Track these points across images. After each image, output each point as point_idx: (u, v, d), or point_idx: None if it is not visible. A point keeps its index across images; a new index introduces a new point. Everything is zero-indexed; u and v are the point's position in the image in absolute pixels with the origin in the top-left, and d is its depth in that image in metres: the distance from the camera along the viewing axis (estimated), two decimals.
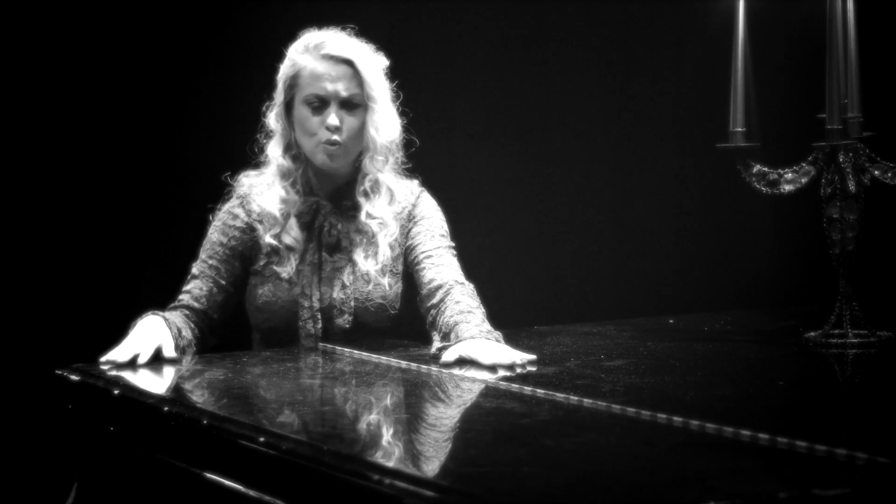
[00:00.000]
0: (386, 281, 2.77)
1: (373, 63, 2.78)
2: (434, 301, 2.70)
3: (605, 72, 4.13)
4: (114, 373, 2.43)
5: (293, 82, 2.78)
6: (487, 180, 4.07)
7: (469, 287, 2.72)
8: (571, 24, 4.10)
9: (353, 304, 2.76)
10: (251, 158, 2.87)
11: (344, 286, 2.76)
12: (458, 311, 2.61)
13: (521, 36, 4.09)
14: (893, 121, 2.93)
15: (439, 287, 2.71)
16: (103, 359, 2.50)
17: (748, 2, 2.63)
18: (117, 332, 2.65)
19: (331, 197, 2.83)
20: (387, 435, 1.96)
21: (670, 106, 4.13)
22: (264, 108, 2.84)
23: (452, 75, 4.03)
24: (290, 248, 2.78)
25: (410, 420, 2.08)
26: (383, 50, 2.83)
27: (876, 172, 2.57)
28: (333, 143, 2.74)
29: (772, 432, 1.72)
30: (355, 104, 2.76)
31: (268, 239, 2.78)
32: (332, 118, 2.74)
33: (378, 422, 2.08)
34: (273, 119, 2.82)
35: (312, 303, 2.74)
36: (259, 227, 2.80)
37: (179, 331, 2.67)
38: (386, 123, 2.80)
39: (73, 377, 2.43)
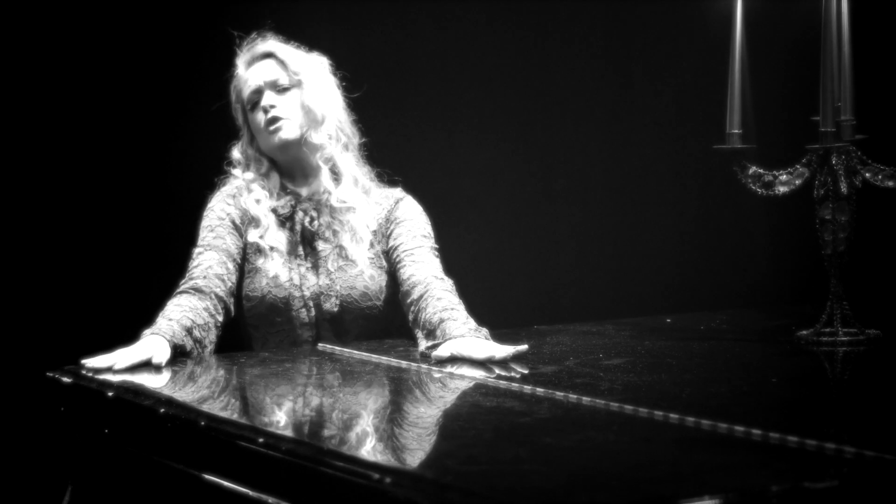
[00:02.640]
0: (368, 271, 2.84)
1: (294, 50, 2.91)
2: (414, 297, 2.71)
3: (603, 72, 4.13)
4: (104, 376, 2.37)
5: (238, 100, 2.92)
6: (486, 180, 4.06)
7: (448, 282, 2.74)
8: (569, 24, 4.10)
9: (338, 288, 2.83)
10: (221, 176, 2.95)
11: (329, 272, 2.83)
12: (441, 308, 2.61)
13: (520, 36, 4.08)
14: (885, 124, 2.97)
15: (418, 283, 2.73)
16: (84, 361, 2.44)
17: (745, 4, 2.64)
18: (110, 334, 2.62)
19: (307, 194, 2.91)
20: (387, 434, 1.97)
21: (668, 107, 4.14)
22: (230, 147, 2.97)
23: (451, 75, 4.02)
24: (273, 249, 2.84)
25: (410, 419, 2.09)
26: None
27: (867, 175, 2.59)
28: (273, 120, 2.84)
29: (764, 428, 1.75)
30: (286, 87, 2.87)
31: (251, 238, 2.85)
32: (265, 99, 2.85)
33: (378, 421, 2.08)
34: (237, 151, 2.95)
35: (303, 292, 2.82)
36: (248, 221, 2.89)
37: (190, 331, 2.59)
38: (321, 96, 2.89)
39: (65, 379, 2.39)
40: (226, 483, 1.93)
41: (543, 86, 4.12)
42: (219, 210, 2.88)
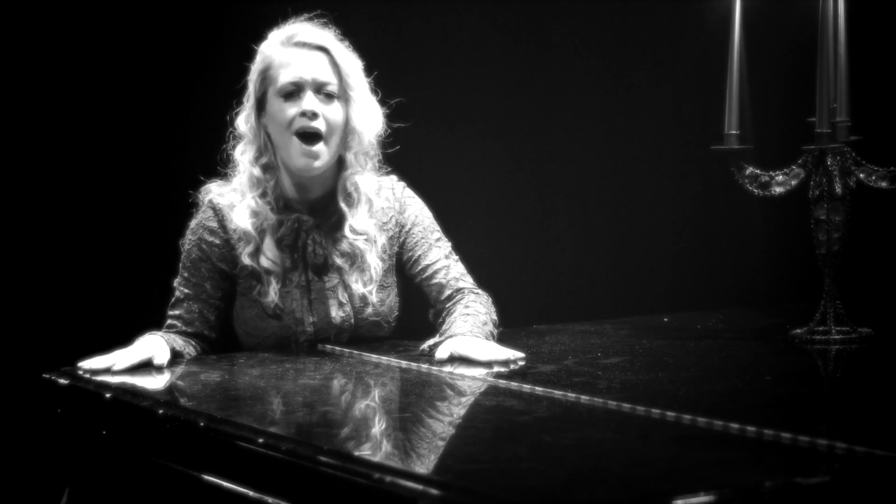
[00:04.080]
0: (378, 296, 2.67)
1: (348, 52, 2.62)
2: (447, 306, 2.69)
3: (601, 72, 4.13)
4: (103, 378, 2.36)
5: (265, 76, 2.59)
6: (485, 180, 4.06)
7: (484, 296, 2.72)
8: (568, 24, 4.10)
9: (352, 321, 2.66)
10: (222, 168, 2.73)
11: (341, 304, 2.65)
12: (464, 314, 2.61)
13: (519, 36, 4.08)
14: (879, 125, 2.99)
15: (452, 299, 2.69)
16: (82, 363, 2.41)
17: (744, 6, 2.66)
18: (107, 335, 2.60)
19: (310, 212, 2.67)
20: (387, 434, 1.97)
21: (666, 107, 4.15)
22: (234, 114, 2.68)
23: (450, 75, 4.02)
24: (268, 272, 2.62)
25: (410, 419, 2.09)
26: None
27: (861, 175, 2.61)
28: (311, 136, 2.55)
29: (759, 425, 1.77)
30: (332, 95, 2.58)
31: (245, 260, 2.62)
32: (308, 102, 2.54)
33: (378, 421, 2.09)
34: (243, 121, 2.64)
35: (306, 328, 2.64)
36: (237, 243, 2.64)
37: (184, 345, 2.60)
38: (370, 115, 2.62)
39: (62, 381, 2.38)
40: (225, 483, 1.93)
41: (542, 86, 4.13)
42: (196, 250, 2.66)
